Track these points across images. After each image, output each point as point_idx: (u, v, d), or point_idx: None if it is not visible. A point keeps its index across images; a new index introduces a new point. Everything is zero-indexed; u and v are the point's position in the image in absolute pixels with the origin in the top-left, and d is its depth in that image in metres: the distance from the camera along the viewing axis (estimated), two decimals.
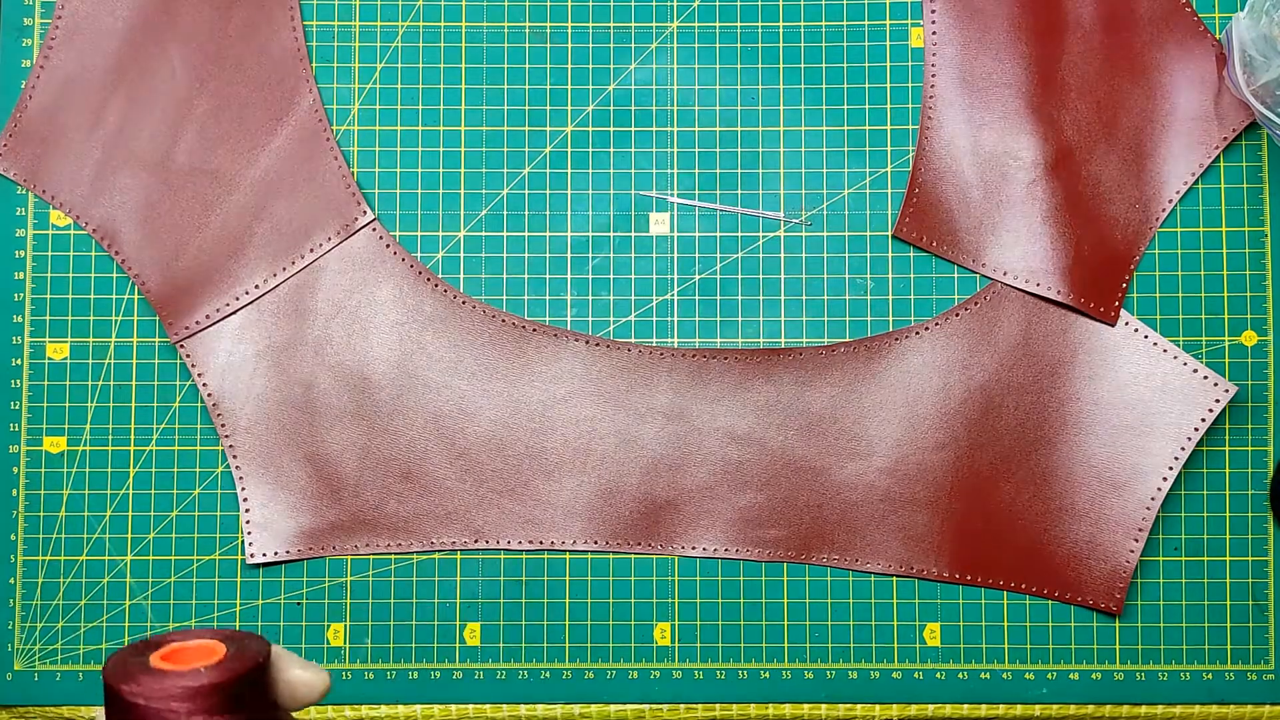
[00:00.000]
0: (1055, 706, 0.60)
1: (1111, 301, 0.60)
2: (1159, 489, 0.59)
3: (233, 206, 0.60)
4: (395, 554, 0.59)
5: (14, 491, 0.60)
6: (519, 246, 0.61)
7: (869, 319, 0.60)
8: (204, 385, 0.59)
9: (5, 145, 0.60)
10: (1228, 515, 0.60)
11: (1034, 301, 0.60)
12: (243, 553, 0.59)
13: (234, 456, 0.59)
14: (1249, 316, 0.60)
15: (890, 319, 0.60)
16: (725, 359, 0.60)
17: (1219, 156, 0.60)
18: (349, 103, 0.61)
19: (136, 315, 0.60)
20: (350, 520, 0.59)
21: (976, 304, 0.60)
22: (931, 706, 0.60)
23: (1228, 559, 0.60)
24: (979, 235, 0.60)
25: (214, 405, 0.59)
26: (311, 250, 0.60)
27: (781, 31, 0.62)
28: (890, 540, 0.59)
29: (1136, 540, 0.58)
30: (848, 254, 0.61)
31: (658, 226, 0.61)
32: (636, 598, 0.60)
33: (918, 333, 0.60)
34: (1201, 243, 0.61)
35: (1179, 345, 0.60)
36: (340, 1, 0.62)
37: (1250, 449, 0.60)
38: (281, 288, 0.60)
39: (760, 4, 0.62)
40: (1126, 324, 0.59)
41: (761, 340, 0.60)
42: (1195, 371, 0.59)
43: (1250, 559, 0.60)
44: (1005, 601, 0.60)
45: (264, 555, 0.59)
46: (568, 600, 0.59)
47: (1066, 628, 0.59)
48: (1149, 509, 0.59)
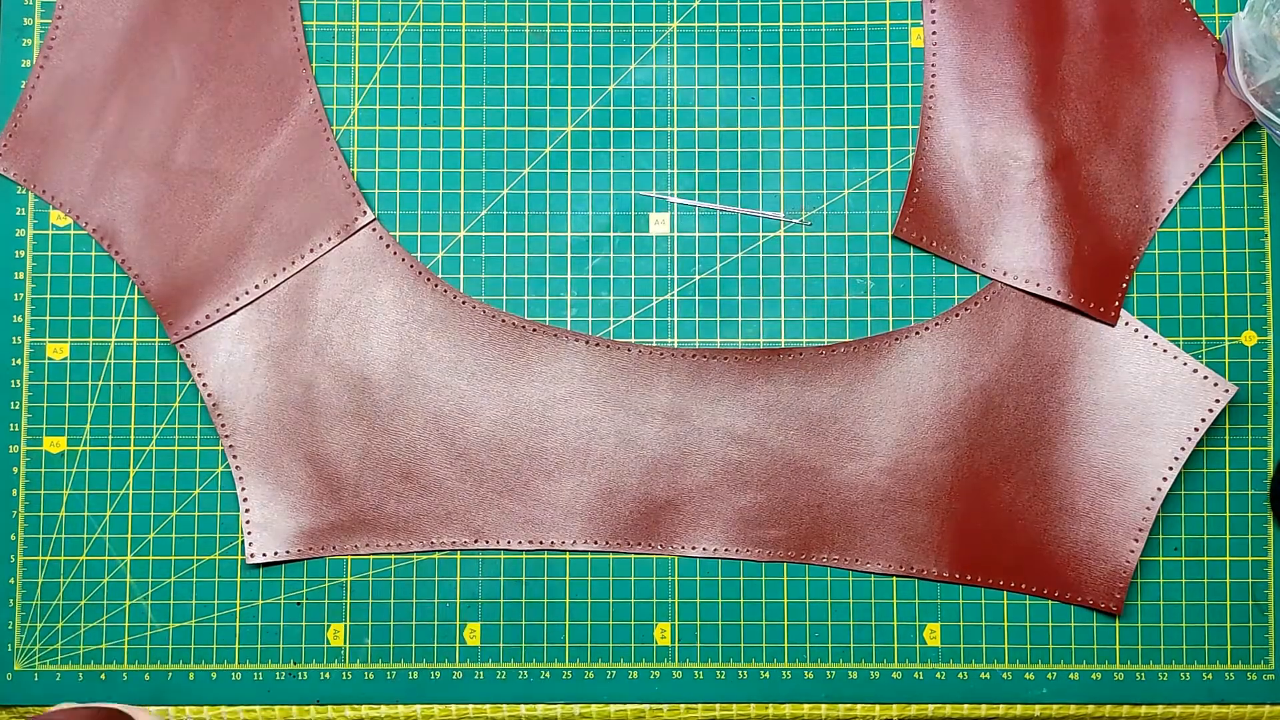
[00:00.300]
0: (1055, 706, 0.60)
1: (1111, 301, 0.60)
2: (1159, 489, 0.59)
3: (233, 206, 0.60)
4: (395, 554, 0.59)
5: (14, 491, 0.60)
6: (519, 246, 0.61)
7: (869, 319, 0.60)
8: (204, 385, 0.59)
9: (5, 145, 0.60)
10: (1228, 515, 0.60)
11: (1034, 301, 0.60)
12: (243, 553, 0.59)
13: (234, 456, 0.59)
14: (1249, 316, 0.60)
15: (890, 319, 0.60)
16: (725, 359, 0.60)
17: (1219, 156, 0.60)
18: (349, 103, 0.61)
19: (136, 315, 0.60)
20: (350, 520, 0.59)
21: (976, 304, 0.60)
22: (931, 706, 0.60)
23: (1228, 559, 0.60)
24: (979, 235, 0.60)
25: (214, 405, 0.59)
26: (311, 250, 0.60)
27: (781, 31, 0.62)
28: (890, 540, 0.59)
29: (1136, 540, 0.58)
30: (848, 254, 0.61)
31: (658, 226, 0.61)
32: (636, 598, 0.60)
33: (918, 333, 0.60)
34: (1201, 243, 0.61)
35: (1179, 345, 0.60)
36: (340, 1, 0.62)
37: (1250, 449, 0.60)
38: (281, 288, 0.60)
39: (760, 4, 0.62)
40: (1126, 324, 0.59)
41: (761, 340, 0.60)
42: (1195, 371, 0.59)
43: (1250, 559, 0.60)
44: (1005, 601, 0.60)
45: (264, 555, 0.59)
46: (568, 600, 0.59)
47: (1066, 628, 0.59)
48: (1149, 509, 0.59)
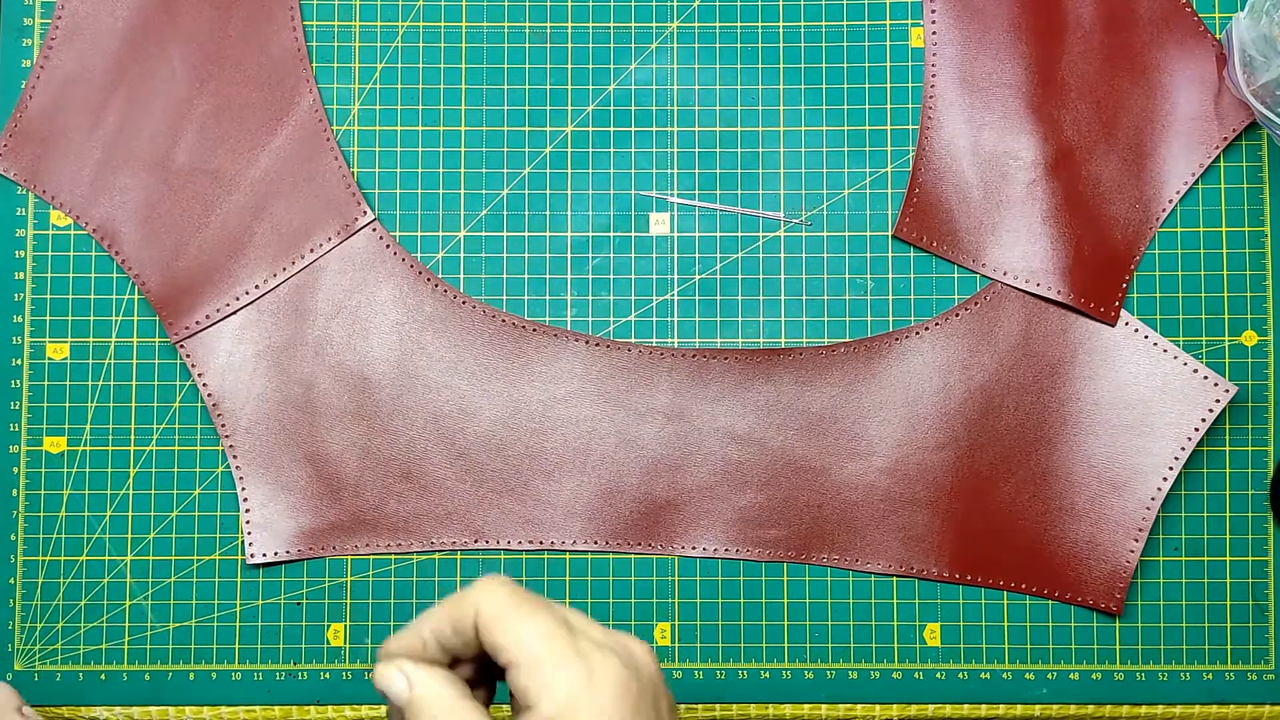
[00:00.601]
0: (1055, 706, 0.60)
1: (1111, 301, 0.60)
2: (1159, 489, 0.59)
3: (233, 206, 0.60)
4: (395, 554, 0.59)
5: (14, 491, 0.60)
6: (519, 246, 0.61)
7: (869, 319, 0.60)
8: (204, 385, 0.59)
9: (5, 145, 0.60)
10: (1228, 515, 0.60)
11: (1034, 301, 0.60)
12: (243, 553, 0.59)
13: (234, 456, 0.59)
14: (1249, 316, 0.60)
15: (890, 319, 0.60)
16: (725, 359, 0.60)
17: (1219, 156, 0.60)
18: (349, 103, 0.61)
19: (136, 315, 0.60)
20: (350, 520, 0.59)
21: (976, 304, 0.60)
22: (931, 706, 0.60)
23: (1228, 559, 0.60)
24: (979, 235, 0.60)
25: (214, 405, 0.59)
26: (311, 250, 0.60)
27: (781, 31, 0.62)
28: (890, 540, 0.59)
29: (1136, 540, 0.58)
30: (848, 254, 0.61)
31: (658, 226, 0.61)
32: (636, 598, 0.60)
33: (918, 333, 0.60)
34: (1201, 243, 0.60)
35: (1179, 345, 0.60)
36: (340, 1, 0.62)
37: (1250, 449, 0.60)
38: (281, 288, 0.60)
39: (760, 4, 0.62)
40: (1126, 324, 0.59)
41: (761, 340, 0.60)
42: (1195, 371, 0.59)
43: (1250, 559, 0.60)
44: (1005, 601, 0.60)
45: (264, 555, 0.59)
46: (568, 600, 0.59)
47: (1066, 628, 0.59)
48: (1149, 509, 0.59)
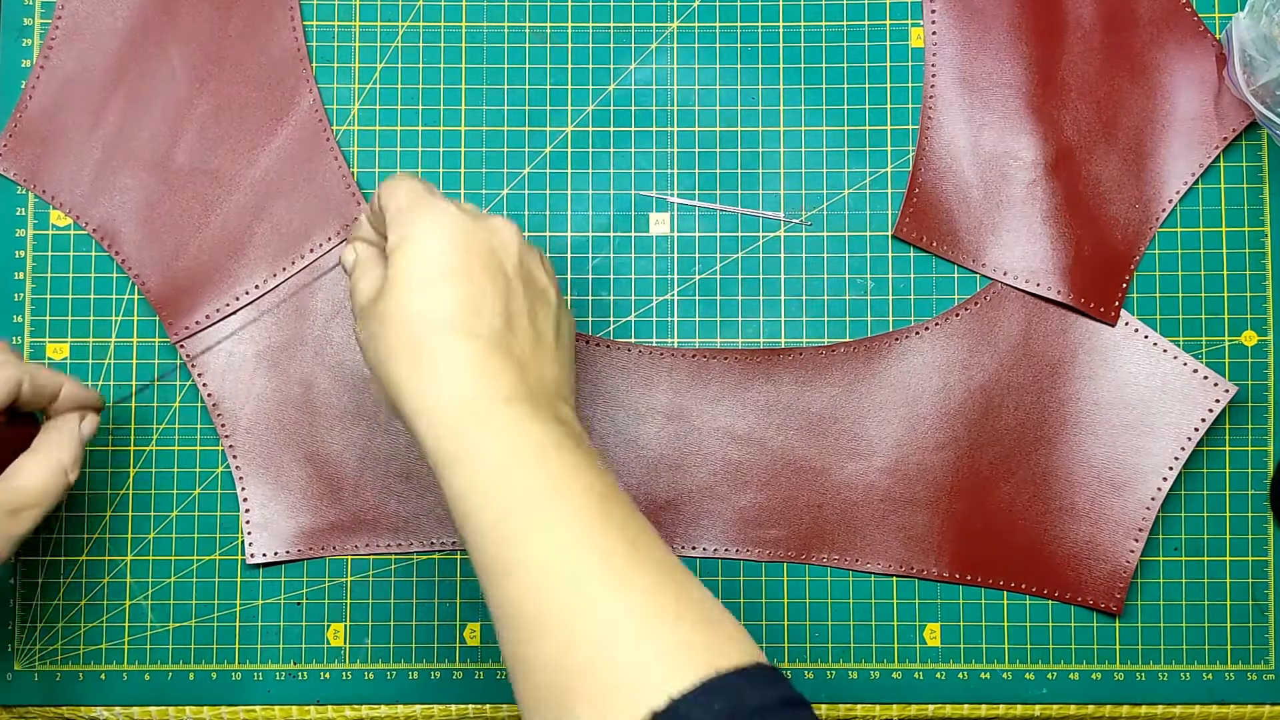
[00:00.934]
0: (1055, 706, 0.60)
1: (1111, 301, 0.60)
2: (1159, 489, 0.59)
3: (233, 206, 0.60)
4: (395, 554, 0.59)
5: None
6: None
7: (869, 319, 0.60)
8: (204, 385, 0.59)
9: (5, 145, 0.60)
10: (1228, 515, 0.60)
11: (1034, 301, 0.60)
12: (243, 553, 0.59)
13: (234, 456, 0.59)
14: (1249, 316, 0.60)
15: (890, 319, 0.60)
16: (725, 359, 0.60)
17: (1219, 156, 0.60)
18: (349, 103, 0.61)
19: (136, 315, 0.60)
20: (350, 520, 0.59)
21: (976, 304, 0.60)
22: (931, 706, 0.60)
23: (1228, 559, 0.60)
24: (979, 235, 0.60)
25: (214, 405, 0.59)
26: (311, 250, 0.60)
27: (781, 31, 0.62)
28: (890, 540, 0.59)
29: (1136, 540, 0.58)
30: (848, 254, 0.61)
31: (658, 226, 0.61)
32: None
33: (918, 333, 0.60)
34: (1201, 243, 0.60)
35: (1179, 345, 0.60)
36: (340, 1, 0.62)
37: (1250, 449, 0.60)
38: (281, 288, 0.60)
39: (760, 4, 0.62)
40: (1126, 324, 0.59)
41: (761, 340, 0.60)
42: (1195, 371, 0.59)
43: (1250, 559, 0.60)
44: (1005, 601, 0.60)
45: (264, 555, 0.59)
46: None
47: (1066, 628, 0.59)
48: (1149, 509, 0.58)
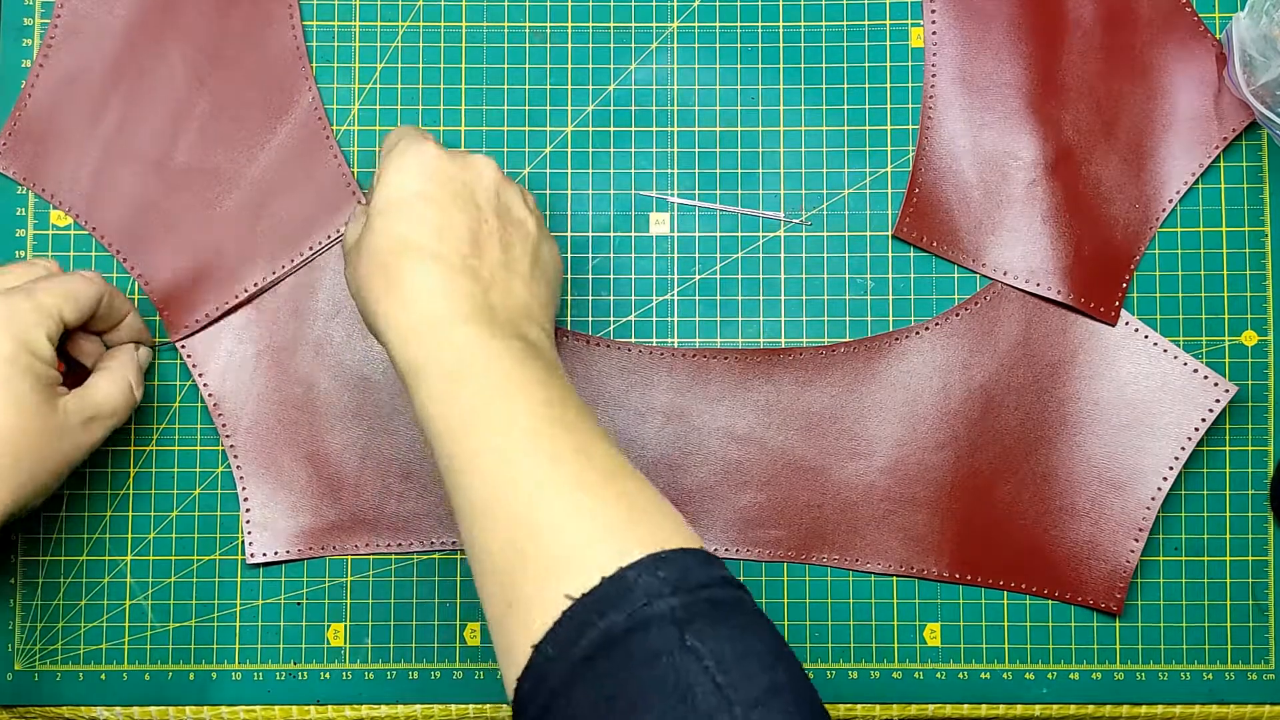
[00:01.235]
0: (1055, 706, 0.60)
1: (1112, 301, 0.60)
2: (1159, 489, 0.59)
3: (233, 205, 0.60)
4: (395, 554, 0.59)
5: None
6: None
7: (869, 319, 0.60)
8: (204, 385, 0.59)
9: (5, 145, 0.60)
10: (1228, 515, 0.60)
11: (1034, 301, 0.60)
12: (243, 553, 0.59)
13: (234, 456, 0.59)
14: (1249, 316, 0.60)
15: (890, 319, 0.60)
16: (725, 359, 0.60)
17: (1219, 156, 0.60)
18: (349, 103, 0.61)
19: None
20: (350, 520, 0.59)
21: (976, 304, 0.60)
22: (931, 706, 0.60)
23: (1228, 559, 0.60)
24: (979, 235, 0.60)
25: (214, 405, 0.59)
26: (311, 248, 0.60)
27: (781, 31, 0.62)
28: (890, 540, 0.59)
29: (1136, 540, 0.58)
30: (848, 254, 0.61)
31: (658, 226, 0.61)
32: None
33: (918, 333, 0.60)
34: (1201, 243, 0.60)
35: (1179, 345, 0.60)
36: (340, 1, 0.62)
37: (1250, 449, 0.60)
38: (281, 287, 0.60)
39: (760, 4, 0.62)
40: (1126, 324, 0.59)
41: (761, 340, 0.60)
42: (1195, 371, 0.59)
43: (1250, 559, 0.60)
44: (1005, 601, 0.60)
45: (264, 555, 0.59)
46: None
47: (1066, 628, 0.59)
48: (1149, 509, 0.58)
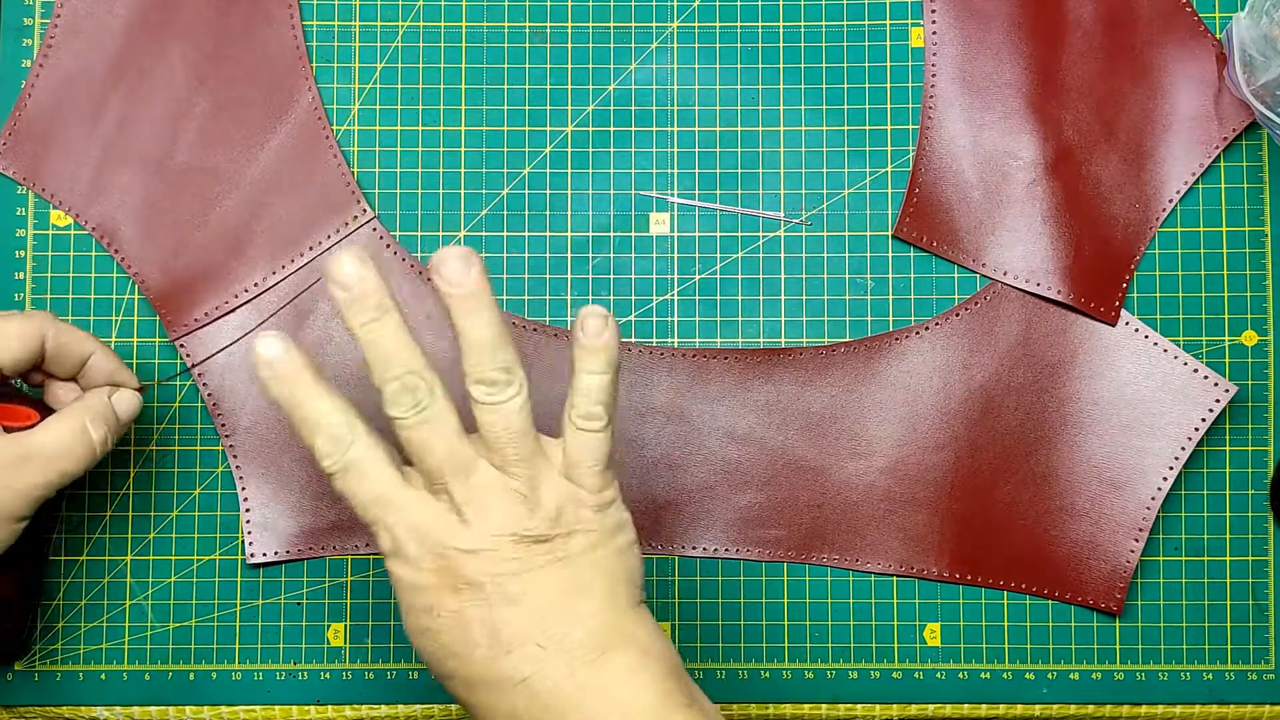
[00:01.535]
0: (1055, 706, 0.60)
1: (1112, 301, 0.60)
2: (1159, 489, 0.59)
3: (232, 205, 0.60)
4: None
5: None
6: (519, 246, 0.61)
7: (869, 319, 0.60)
8: (204, 385, 0.59)
9: (5, 144, 0.60)
10: (1228, 515, 0.60)
11: (1034, 301, 0.60)
12: (243, 553, 0.59)
13: (234, 456, 0.59)
14: (1249, 316, 0.60)
15: (890, 319, 0.60)
16: (725, 359, 0.60)
17: (1219, 156, 0.60)
18: (349, 103, 0.61)
19: (136, 315, 0.60)
20: (350, 520, 0.59)
21: (976, 304, 0.60)
22: (931, 706, 0.60)
23: (1228, 559, 0.60)
24: (979, 235, 0.60)
25: (214, 405, 0.59)
26: (311, 249, 0.60)
27: (781, 31, 0.62)
28: (890, 540, 0.59)
29: (1136, 540, 0.58)
30: (848, 254, 0.61)
31: (658, 226, 0.61)
32: None
33: (918, 333, 0.60)
34: (1201, 243, 0.61)
35: (1179, 345, 0.60)
36: (340, 1, 0.62)
37: (1250, 449, 0.60)
38: (281, 287, 0.60)
39: (760, 4, 0.62)
40: (1127, 324, 0.59)
41: (761, 340, 0.60)
42: (1195, 371, 0.59)
43: (1250, 559, 0.60)
44: (1005, 601, 0.60)
45: (264, 555, 0.59)
46: None
47: (1066, 628, 0.59)
48: (1149, 509, 0.59)
